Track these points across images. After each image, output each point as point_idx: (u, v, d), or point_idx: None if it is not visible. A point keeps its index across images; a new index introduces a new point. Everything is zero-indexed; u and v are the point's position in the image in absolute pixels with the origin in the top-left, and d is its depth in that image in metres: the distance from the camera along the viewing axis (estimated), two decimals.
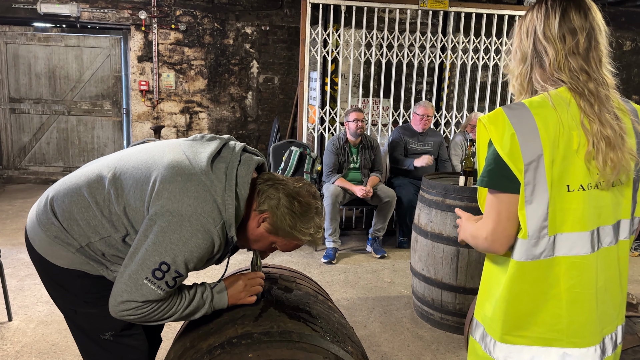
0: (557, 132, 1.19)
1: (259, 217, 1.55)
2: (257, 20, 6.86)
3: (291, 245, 1.61)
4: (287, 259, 4.48)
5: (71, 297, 1.62)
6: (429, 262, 3.22)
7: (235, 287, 1.62)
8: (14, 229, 4.97)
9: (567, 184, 1.21)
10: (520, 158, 1.18)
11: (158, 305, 1.46)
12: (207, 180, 1.46)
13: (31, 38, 6.75)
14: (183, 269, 1.44)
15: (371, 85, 5.29)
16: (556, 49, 1.23)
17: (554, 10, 1.25)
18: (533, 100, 1.24)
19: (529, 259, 1.23)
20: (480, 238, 1.28)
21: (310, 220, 1.55)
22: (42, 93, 6.89)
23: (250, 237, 1.60)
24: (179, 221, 1.41)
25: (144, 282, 1.40)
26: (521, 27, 1.33)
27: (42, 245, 1.58)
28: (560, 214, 1.22)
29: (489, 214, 1.26)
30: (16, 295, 3.51)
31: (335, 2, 4.99)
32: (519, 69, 1.32)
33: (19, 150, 6.99)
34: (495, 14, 5.28)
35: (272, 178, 1.58)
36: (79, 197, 1.54)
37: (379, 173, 4.80)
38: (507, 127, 1.19)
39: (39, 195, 6.29)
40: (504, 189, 1.21)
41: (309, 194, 1.57)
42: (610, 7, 7.46)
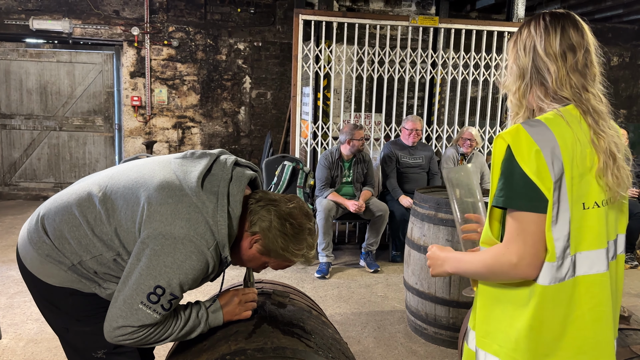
0: (574, 149, 1.19)
1: (250, 239, 1.55)
2: (250, 37, 6.91)
3: (283, 265, 1.61)
4: (280, 274, 4.45)
5: (63, 315, 1.60)
6: (422, 276, 3.22)
7: (230, 304, 1.61)
8: (3, 246, 4.91)
9: (583, 201, 1.21)
10: (549, 176, 1.15)
11: (154, 329, 1.45)
12: (198, 201, 1.44)
13: (23, 54, 6.75)
14: (178, 291, 1.44)
15: (363, 100, 5.33)
16: (558, 66, 1.24)
17: (553, 27, 1.26)
18: (547, 118, 1.22)
19: (555, 281, 1.19)
20: (506, 264, 1.19)
21: (303, 241, 1.54)
22: (34, 109, 6.87)
23: (243, 257, 1.60)
24: (172, 244, 1.40)
25: (140, 306, 1.39)
26: (517, 42, 1.31)
27: (34, 264, 1.56)
28: (578, 233, 1.21)
29: (517, 237, 1.18)
30: (5, 313, 3.46)
31: (327, 19, 5.04)
32: (516, 84, 1.31)
33: (9, 166, 6.94)
34: (485, 30, 5.36)
35: (264, 198, 1.56)
36: (69, 215, 1.53)
37: (372, 187, 4.81)
38: (531, 143, 1.17)
39: (29, 211, 6.24)
40: (533, 209, 1.16)
41: (301, 214, 1.55)
42: (597, 22, 7.60)
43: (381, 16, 5.45)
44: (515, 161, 1.17)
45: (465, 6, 7.29)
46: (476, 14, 7.33)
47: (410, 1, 7.10)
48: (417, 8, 7.11)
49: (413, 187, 4.69)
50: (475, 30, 5.35)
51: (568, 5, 6.73)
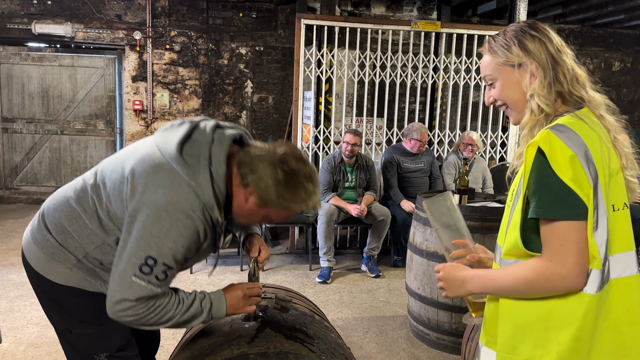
0: (602, 151, 1.18)
1: (245, 193, 1.47)
2: (252, 41, 6.92)
3: (285, 215, 1.52)
4: (282, 278, 4.44)
5: (67, 316, 1.60)
6: (425, 281, 3.21)
7: (234, 297, 1.58)
8: (4, 250, 4.90)
9: (612, 203, 1.19)
10: (587, 182, 1.12)
11: (153, 305, 1.41)
12: (177, 166, 1.41)
13: (25, 58, 6.76)
14: (171, 261, 1.40)
15: (365, 104, 5.33)
16: (572, 64, 1.24)
17: (545, 29, 1.27)
18: (570, 122, 1.18)
19: (601, 288, 1.16)
20: (554, 277, 1.13)
21: (299, 186, 1.44)
22: (35, 113, 6.87)
23: (241, 214, 1.53)
24: (156, 213, 1.37)
25: (133, 279, 1.37)
26: (524, 43, 1.25)
27: (40, 263, 1.57)
28: (613, 235, 1.18)
29: (562, 248, 1.13)
30: (6, 317, 3.45)
31: (329, 23, 5.05)
32: (544, 84, 1.23)
33: (11, 170, 6.94)
34: (487, 35, 5.36)
35: (253, 149, 1.49)
36: (68, 208, 1.54)
37: (374, 192, 4.80)
38: (565, 149, 1.12)
39: (30, 215, 6.23)
40: (574, 217, 1.12)
41: (294, 158, 1.46)
42: (599, 28, 7.61)
43: (383, 21, 5.46)
44: (550, 169, 1.12)
45: (466, 11, 7.30)
46: (477, 19, 7.34)
47: (411, 6, 7.11)
48: (418, 13, 7.12)
49: (415, 192, 4.68)
50: (477, 35, 5.35)
51: (569, 10, 6.74)
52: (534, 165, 1.15)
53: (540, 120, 1.23)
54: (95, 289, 1.57)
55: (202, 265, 4.69)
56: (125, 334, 1.64)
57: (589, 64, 7.74)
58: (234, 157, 1.49)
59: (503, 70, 1.27)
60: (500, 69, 1.28)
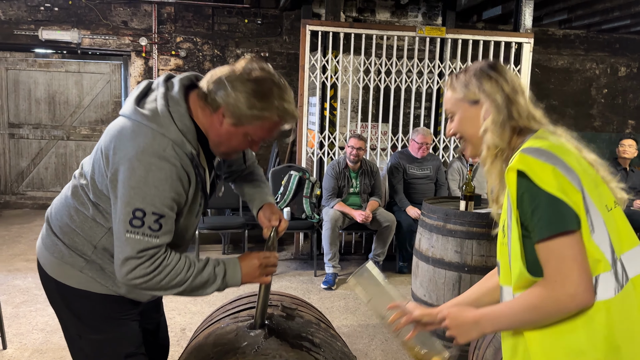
0: (578, 158, 1.21)
1: (217, 116, 1.44)
2: (257, 47, 6.94)
3: (266, 129, 1.45)
4: (286, 284, 4.43)
5: (77, 321, 1.60)
6: (431, 288, 3.19)
7: (250, 265, 1.54)
8: (10, 255, 4.91)
9: (605, 204, 1.20)
10: (574, 188, 1.13)
11: (158, 260, 1.39)
12: (137, 117, 1.41)
13: (32, 64, 6.80)
14: (160, 208, 1.37)
15: (370, 110, 5.32)
16: (524, 98, 1.32)
17: (504, 71, 1.34)
18: (535, 143, 1.22)
19: (619, 290, 1.13)
20: (563, 298, 1.11)
21: (269, 92, 1.41)
22: (42, 118, 6.91)
23: (221, 142, 1.48)
24: (129, 166, 1.36)
25: (127, 235, 1.36)
26: (481, 82, 1.32)
27: (53, 267, 1.58)
28: (616, 235, 1.18)
29: (565, 265, 1.11)
30: (11, 322, 3.45)
31: (334, 29, 5.05)
32: (498, 120, 1.29)
33: (17, 175, 6.97)
34: (492, 41, 5.36)
35: (212, 76, 1.45)
36: (67, 206, 1.56)
37: (379, 197, 4.79)
38: (543, 165, 1.14)
39: (35, 220, 6.25)
40: (569, 227, 1.11)
41: (258, 68, 1.42)
42: (604, 33, 7.58)
43: (388, 27, 5.46)
44: (537, 186, 1.13)
45: (471, 17, 7.30)
46: (482, 24, 7.34)
47: (416, 12, 7.11)
48: (423, 19, 7.12)
49: (420, 198, 4.66)
50: (483, 40, 5.35)
51: (575, 15, 6.72)
52: (520, 189, 1.16)
53: (498, 154, 1.29)
54: (106, 291, 1.56)
55: None
56: (135, 341, 1.64)
57: (595, 69, 7.72)
58: (195, 93, 1.48)
59: (461, 106, 1.35)
60: (458, 104, 1.36)
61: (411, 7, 7.08)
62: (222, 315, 1.94)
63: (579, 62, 7.68)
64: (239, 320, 1.81)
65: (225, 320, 1.85)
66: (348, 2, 6.92)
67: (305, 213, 4.90)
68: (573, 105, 7.75)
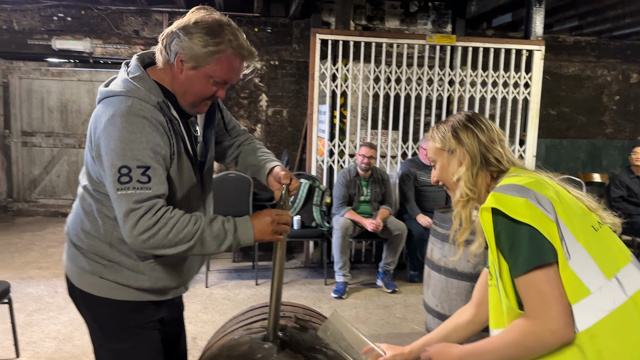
0: (553, 185, 1.27)
1: (176, 67, 1.47)
2: (267, 55, 6.97)
3: (224, 67, 1.47)
4: (297, 292, 4.42)
5: (98, 330, 1.63)
6: (443, 298, 3.17)
7: (262, 222, 1.50)
8: (22, 263, 4.95)
9: (591, 225, 1.23)
10: (546, 218, 1.16)
11: (157, 212, 1.38)
12: (103, 96, 1.49)
13: (45, 73, 6.88)
14: (144, 160, 1.39)
15: (380, 118, 5.32)
16: (502, 146, 1.42)
17: (481, 122, 1.45)
18: (506, 181, 1.30)
19: (604, 313, 1.13)
20: (545, 333, 1.12)
21: (222, 30, 1.45)
22: (54, 127, 6.98)
23: (186, 90, 1.50)
24: (106, 131, 1.40)
25: (119, 193, 1.38)
26: (459, 135, 1.42)
27: (78, 277, 1.61)
28: (607, 254, 1.19)
29: (544, 300, 1.12)
30: (24, 330, 3.47)
31: (344, 38, 5.07)
32: (471, 170, 1.39)
33: (30, 183, 7.03)
34: (503, 48, 5.34)
35: (165, 31, 1.52)
36: (77, 214, 1.61)
37: (389, 206, 4.77)
38: (515, 199, 1.19)
39: (47, 228, 6.30)
40: (549, 259, 1.13)
41: (207, 15, 1.48)
42: (616, 40, 7.54)
43: (398, 35, 5.47)
44: (511, 220, 1.17)
45: (481, 24, 7.29)
46: (492, 31, 7.32)
47: (426, 19, 7.12)
48: (432, 26, 7.12)
49: (431, 206, 4.64)
50: (493, 48, 5.33)
51: (586, 22, 6.69)
52: (496, 227, 1.21)
53: (468, 202, 1.38)
54: (127, 296, 1.57)
55: (217, 279, 4.69)
56: (155, 352, 1.65)
57: (607, 76, 7.67)
58: (155, 66, 1.54)
59: (440, 154, 1.46)
60: (438, 153, 1.47)
61: (420, 14, 7.09)
62: (235, 326, 1.93)
63: (590, 69, 7.63)
64: (252, 331, 1.80)
65: (238, 331, 1.85)
66: (357, 11, 6.94)
67: (315, 221, 4.90)
68: (584, 112, 7.69)
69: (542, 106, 6.53)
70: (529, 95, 5.39)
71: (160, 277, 1.59)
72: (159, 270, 1.59)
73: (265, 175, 1.74)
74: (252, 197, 5.10)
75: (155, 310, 1.65)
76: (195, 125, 1.64)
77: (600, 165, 7.74)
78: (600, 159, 7.74)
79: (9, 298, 3.07)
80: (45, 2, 6.47)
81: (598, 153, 7.72)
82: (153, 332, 1.65)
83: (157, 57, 1.52)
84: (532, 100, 5.39)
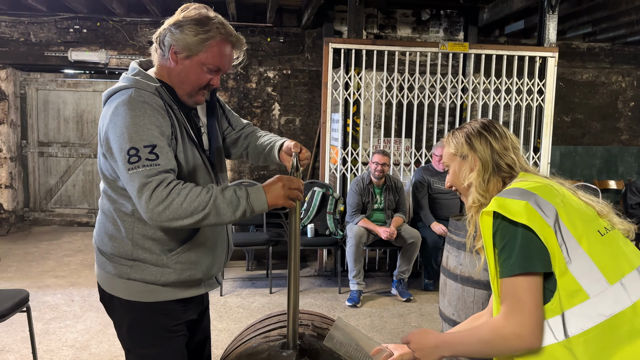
0: (560, 190, 1.29)
1: (171, 57, 1.56)
2: (279, 65, 7.02)
3: (215, 53, 1.56)
4: (311, 301, 4.41)
5: (127, 334, 1.65)
6: (459, 306, 3.14)
7: (273, 187, 1.52)
8: (39, 272, 5.00)
9: (597, 229, 1.24)
10: (544, 222, 1.19)
11: (169, 184, 1.42)
12: (106, 93, 1.58)
13: (61, 84, 6.99)
14: (148, 139, 1.44)
15: (392, 125, 5.32)
16: (516, 154, 1.45)
17: (496, 129, 1.47)
18: (512, 185, 1.34)
19: (603, 319, 1.15)
20: (511, 336, 1.16)
21: (209, 19, 1.55)
22: (70, 137, 7.07)
23: (182, 80, 1.58)
24: (112, 122, 1.48)
25: (130, 173, 1.42)
26: (472, 142, 1.45)
27: (106, 282, 1.65)
28: (612, 260, 1.20)
29: (519, 305, 1.16)
30: (42, 339, 3.50)
31: (357, 47, 5.09)
32: (482, 176, 1.41)
33: (46, 193, 7.12)
34: (516, 55, 5.32)
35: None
36: (101, 222, 1.66)
37: (403, 213, 4.75)
38: (516, 202, 1.22)
39: (63, 237, 6.37)
40: (536, 268, 1.16)
41: (194, 9, 1.58)
42: (630, 45, 7.48)
43: (410, 43, 5.48)
44: (508, 221, 1.20)
45: (493, 31, 7.28)
46: (505, 38, 7.31)
47: (437, 27, 7.12)
48: (444, 34, 7.12)
49: (445, 214, 4.62)
50: (506, 55, 5.32)
51: (600, 28, 6.65)
52: (496, 228, 1.23)
53: (480, 208, 1.39)
54: (156, 297, 1.60)
55: (232, 287, 4.69)
56: (180, 358, 1.67)
57: (621, 82, 7.60)
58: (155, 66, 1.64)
59: (453, 159, 1.50)
60: (451, 158, 1.50)
61: (432, 22, 7.10)
62: (253, 334, 1.93)
63: (604, 75, 7.57)
64: (269, 339, 1.80)
65: (256, 339, 1.85)
66: (369, 19, 6.97)
67: (329, 229, 4.89)
68: (599, 118, 7.62)
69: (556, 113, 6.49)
70: (543, 102, 5.36)
71: (185, 267, 1.62)
72: (183, 261, 1.61)
73: (277, 153, 1.80)
74: None
75: (183, 312, 1.67)
76: (197, 118, 1.71)
77: (615, 172, 7.65)
78: (616, 165, 7.65)
79: (27, 307, 3.10)
80: (62, 14, 6.59)
81: (613, 160, 7.63)
82: (179, 337, 1.67)
83: (153, 56, 1.63)
84: (546, 107, 5.36)
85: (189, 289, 1.66)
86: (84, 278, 4.84)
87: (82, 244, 6.10)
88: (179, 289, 1.63)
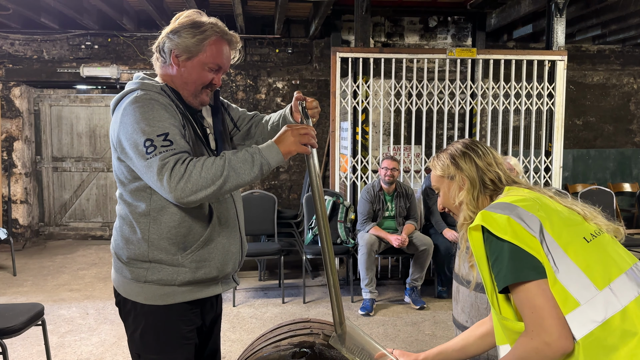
0: (542, 200, 1.32)
1: (173, 61, 1.63)
2: (288, 75, 7.07)
3: (214, 51, 1.63)
4: (323, 310, 4.39)
5: (139, 338, 1.67)
6: (473, 313, 3.11)
7: (283, 137, 1.55)
8: (54, 285, 5.05)
9: (583, 236, 1.25)
10: (529, 235, 1.21)
11: (185, 160, 1.46)
12: (114, 100, 1.64)
13: (74, 100, 7.10)
14: (161, 129, 1.49)
15: (402, 132, 5.32)
16: (500, 169, 1.48)
17: (478, 148, 1.51)
18: (498, 199, 1.37)
19: (596, 325, 1.14)
20: (542, 346, 1.15)
21: (202, 22, 1.62)
22: (83, 151, 7.17)
23: (186, 81, 1.64)
24: (122, 123, 1.53)
25: (147, 161, 1.46)
26: (457, 161, 1.49)
27: (123, 286, 1.68)
28: (600, 265, 1.21)
29: (537, 314, 1.15)
30: (57, 352, 3.53)
31: (364, 55, 5.11)
32: (472, 194, 1.45)
33: (60, 207, 7.21)
34: (525, 60, 5.30)
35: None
36: (118, 228, 1.69)
37: (414, 221, 4.73)
38: (499, 216, 1.25)
39: (78, 251, 6.43)
40: (529, 276, 1.17)
41: (186, 16, 1.66)
42: (636, 47, 7.42)
43: (418, 50, 5.48)
44: (497, 237, 1.23)
45: (501, 36, 7.26)
46: (513, 43, 7.29)
47: (445, 34, 7.13)
48: (452, 40, 7.13)
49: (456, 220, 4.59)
50: (515, 60, 5.30)
51: (609, 30, 6.61)
52: (485, 243, 1.26)
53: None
54: (173, 300, 1.62)
55: (244, 298, 4.70)
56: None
57: (633, 84, 7.53)
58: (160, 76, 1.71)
59: (442, 181, 1.54)
60: (440, 180, 1.54)
61: (440, 29, 7.11)
62: (263, 344, 1.93)
63: (615, 77, 7.50)
64: (280, 349, 1.80)
65: (267, 349, 1.85)
66: (377, 28, 7.00)
67: (340, 238, 4.88)
68: (611, 121, 7.55)
69: (568, 116, 6.44)
70: (553, 106, 5.33)
71: (199, 265, 1.64)
72: (197, 259, 1.63)
73: (289, 114, 1.87)
74: (276, 215, 5.12)
75: (197, 316, 1.70)
76: (203, 119, 1.75)
77: (630, 175, 7.55)
78: (630, 168, 7.56)
79: (42, 320, 3.13)
80: (73, 31, 6.71)
81: (627, 162, 7.54)
82: (191, 345, 1.69)
83: (155, 65, 1.70)
84: (557, 110, 5.32)
85: (206, 288, 1.68)
86: (99, 291, 4.87)
87: (97, 257, 6.15)
88: (195, 288, 1.65)
